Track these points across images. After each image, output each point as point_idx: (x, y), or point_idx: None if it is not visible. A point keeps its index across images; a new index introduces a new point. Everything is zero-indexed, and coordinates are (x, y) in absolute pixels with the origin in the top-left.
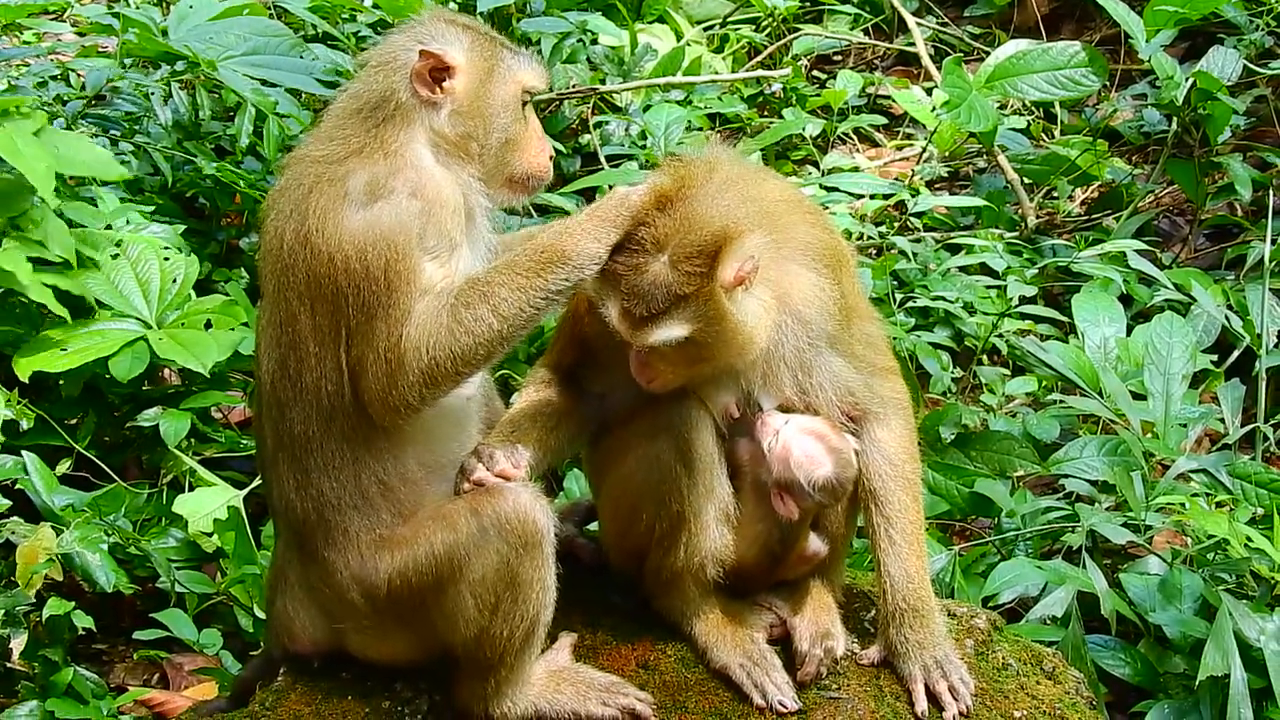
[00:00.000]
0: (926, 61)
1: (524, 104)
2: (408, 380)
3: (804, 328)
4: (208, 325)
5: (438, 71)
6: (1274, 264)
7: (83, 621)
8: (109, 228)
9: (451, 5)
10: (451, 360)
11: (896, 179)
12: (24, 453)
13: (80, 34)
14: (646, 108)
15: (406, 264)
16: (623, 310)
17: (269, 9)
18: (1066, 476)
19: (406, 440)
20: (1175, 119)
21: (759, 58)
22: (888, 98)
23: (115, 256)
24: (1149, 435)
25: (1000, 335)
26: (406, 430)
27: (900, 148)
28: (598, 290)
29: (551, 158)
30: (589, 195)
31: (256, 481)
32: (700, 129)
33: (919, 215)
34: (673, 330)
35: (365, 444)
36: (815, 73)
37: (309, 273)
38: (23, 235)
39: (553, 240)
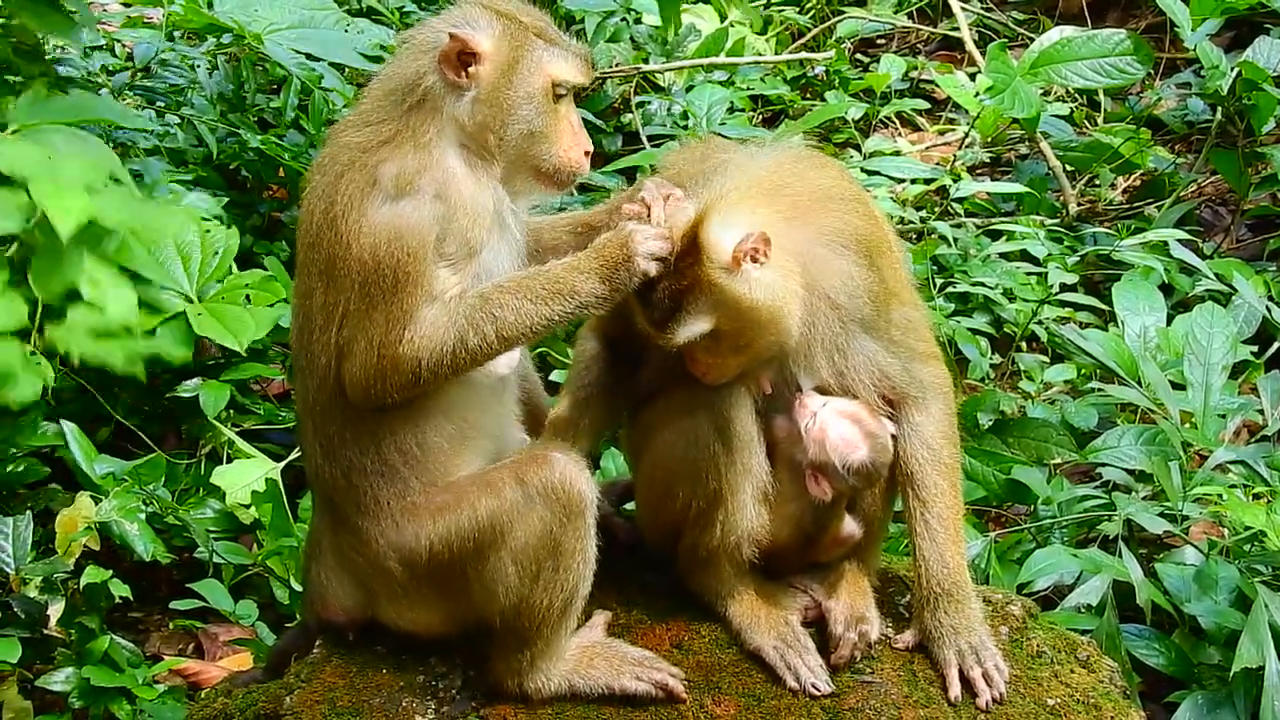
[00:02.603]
0: (970, 46)
1: (558, 97)
2: (398, 380)
3: (836, 312)
4: (247, 300)
5: (465, 56)
6: None
7: (120, 590)
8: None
9: None
10: (444, 370)
11: (938, 164)
12: (63, 421)
13: (126, 4)
14: (689, 88)
15: (417, 268)
16: (644, 317)
17: None
18: (1104, 465)
19: (423, 415)
20: (1219, 109)
21: (802, 40)
22: (931, 82)
23: None
24: (1187, 425)
25: (1040, 322)
26: (422, 406)
27: (942, 132)
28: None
29: (588, 153)
30: (630, 175)
31: (294, 454)
32: (742, 110)
33: (960, 200)
34: (694, 326)
35: (376, 418)
36: (858, 56)
37: (329, 253)
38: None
39: (566, 273)
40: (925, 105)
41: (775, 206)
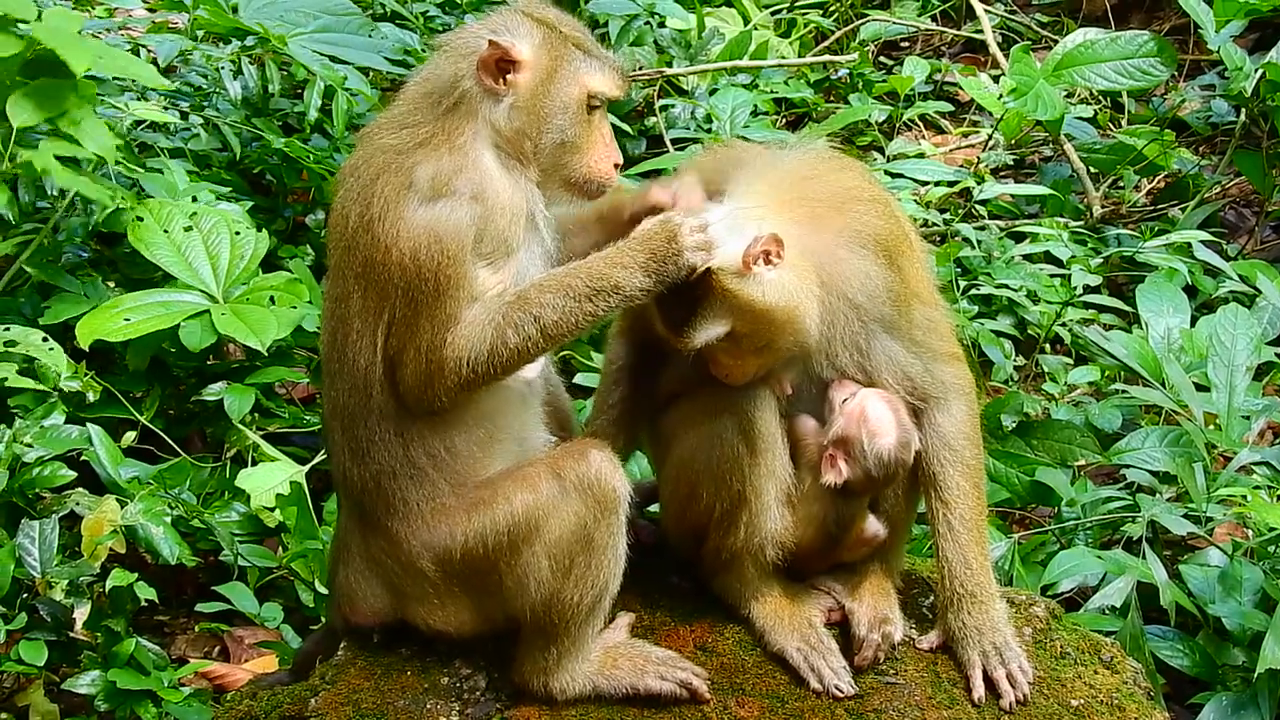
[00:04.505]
0: (994, 49)
1: (591, 108)
2: (445, 384)
3: (855, 311)
4: (271, 301)
5: (504, 63)
6: None
7: (145, 593)
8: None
9: None
10: (491, 371)
11: (962, 166)
12: (89, 425)
13: (151, 10)
14: (713, 91)
15: (458, 270)
16: (662, 321)
17: None
18: (1128, 467)
19: (452, 420)
20: (1243, 110)
21: (826, 43)
22: (954, 84)
23: (188, 229)
24: (1211, 427)
25: (1063, 324)
26: (451, 413)
27: (966, 135)
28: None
29: (618, 165)
30: (653, 179)
31: (319, 457)
32: (766, 113)
33: (984, 203)
34: (709, 329)
35: (406, 421)
36: (882, 58)
37: (366, 257)
38: (59, 134)
39: (607, 268)
40: (949, 108)
41: (791, 208)
